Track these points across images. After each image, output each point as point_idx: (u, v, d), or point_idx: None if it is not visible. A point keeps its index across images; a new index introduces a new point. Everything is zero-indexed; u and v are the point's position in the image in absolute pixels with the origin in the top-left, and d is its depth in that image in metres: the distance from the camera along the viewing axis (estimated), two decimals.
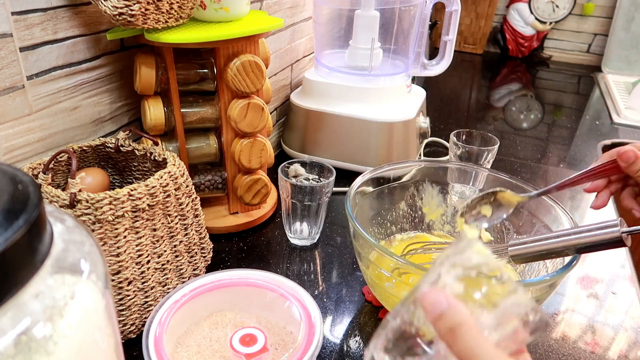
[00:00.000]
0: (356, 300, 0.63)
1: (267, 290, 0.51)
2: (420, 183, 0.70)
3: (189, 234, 0.59)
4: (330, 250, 0.73)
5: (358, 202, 0.63)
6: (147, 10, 0.52)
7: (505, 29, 1.86)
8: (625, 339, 0.60)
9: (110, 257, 0.50)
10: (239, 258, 0.70)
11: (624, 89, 1.54)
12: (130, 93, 0.66)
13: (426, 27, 0.97)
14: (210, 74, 0.68)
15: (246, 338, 0.46)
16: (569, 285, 0.68)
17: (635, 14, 1.68)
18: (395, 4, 0.94)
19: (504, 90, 1.58)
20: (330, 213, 0.81)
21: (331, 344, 0.57)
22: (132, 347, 0.53)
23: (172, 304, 0.48)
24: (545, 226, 0.61)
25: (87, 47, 0.58)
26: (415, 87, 1.03)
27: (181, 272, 0.58)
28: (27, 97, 0.52)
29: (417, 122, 0.94)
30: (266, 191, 0.74)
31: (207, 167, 0.75)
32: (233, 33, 0.60)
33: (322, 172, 0.73)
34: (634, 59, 1.71)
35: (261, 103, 0.67)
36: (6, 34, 0.48)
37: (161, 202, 0.53)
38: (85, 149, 0.59)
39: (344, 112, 0.90)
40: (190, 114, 0.68)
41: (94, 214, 0.47)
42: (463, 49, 1.94)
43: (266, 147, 0.71)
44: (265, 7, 0.87)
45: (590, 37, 1.83)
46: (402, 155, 0.90)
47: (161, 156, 0.59)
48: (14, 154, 0.52)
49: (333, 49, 1.02)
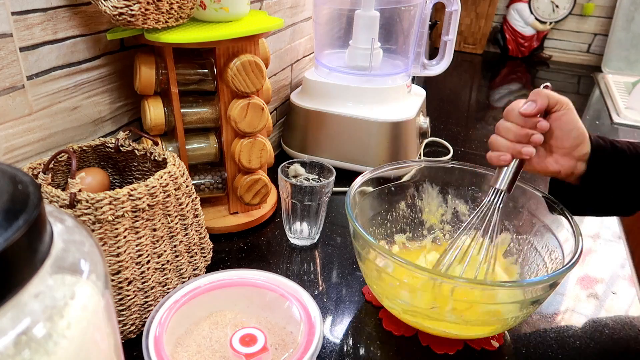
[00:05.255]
0: (356, 300, 0.63)
1: (267, 290, 0.51)
2: (420, 183, 0.70)
3: (189, 234, 0.59)
4: (330, 250, 0.73)
5: (358, 202, 0.63)
6: (147, 10, 0.52)
7: (505, 29, 1.86)
8: (625, 339, 0.60)
9: (110, 257, 0.50)
10: (239, 258, 0.70)
11: (624, 89, 1.54)
12: (130, 93, 0.66)
13: (426, 27, 0.97)
14: (210, 74, 0.68)
15: (246, 338, 0.46)
16: (569, 285, 0.68)
17: (635, 14, 1.68)
18: (395, 4, 0.94)
19: (504, 90, 1.58)
20: (330, 213, 0.81)
21: (331, 344, 0.57)
22: (132, 347, 0.53)
23: (172, 304, 0.48)
24: (546, 226, 0.61)
25: (87, 47, 0.58)
26: (415, 87, 1.03)
27: (181, 272, 0.58)
28: (27, 97, 0.52)
29: (417, 122, 0.94)
30: (266, 191, 0.74)
31: (207, 167, 0.75)
32: (233, 33, 0.60)
33: (322, 172, 0.73)
34: (634, 59, 1.71)
35: (261, 103, 0.67)
36: (6, 34, 0.48)
37: (161, 202, 0.53)
38: (85, 149, 0.59)
39: (344, 112, 0.90)
40: (190, 114, 0.68)
41: (94, 214, 0.47)
42: (463, 49, 1.94)
43: (266, 147, 0.71)
44: (265, 7, 0.87)
45: (590, 37, 1.83)
46: (402, 155, 0.90)
47: (161, 156, 0.59)
48: (14, 154, 0.52)
49: (333, 49, 1.02)
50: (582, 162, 0.57)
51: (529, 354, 0.57)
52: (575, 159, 0.57)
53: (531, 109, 0.55)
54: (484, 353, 0.56)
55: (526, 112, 0.55)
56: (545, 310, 0.63)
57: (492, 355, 0.56)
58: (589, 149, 0.57)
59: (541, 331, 0.60)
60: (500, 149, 0.57)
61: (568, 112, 0.56)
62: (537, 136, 0.56)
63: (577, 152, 0.57)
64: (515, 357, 0.56)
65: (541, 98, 0.55)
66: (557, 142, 0.57)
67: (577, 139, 0.56)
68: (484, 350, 0.57)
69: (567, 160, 0.57)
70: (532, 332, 0.60)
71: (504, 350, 0.57)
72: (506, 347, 0.58)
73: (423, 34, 0.97)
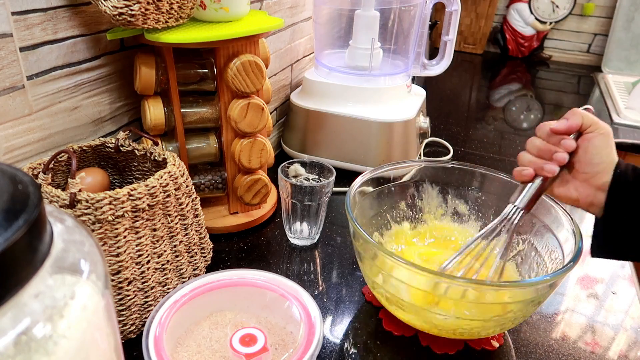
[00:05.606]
0: (356, 300, 0.63)
1: (267, 290, 0.51)
2: (420, 183, 0.70)
3: (189, 234, 0.59)
4: (330, 250, 0.73)
5: (358, 202, 0.63)
6: (147, 10, 0.52)
7: (505, 29, 1.86)
8: (625, 339, 0.60)
9: (110, 257, 0.50)
10: (239, 258, 0.70)
11: (624, 89, 1.54)
12: (130, 93, 0.66)
13: (426, 27, 0.97)
14: (210, 74, 0.68)
15: (246, 338, 0.46)
16: (569, 285, 0.68)
17: (635, 14, 1.68)
18: (395, 4, 0.94)
19: (504, 90, 1.58)
20: (330, 213, 0.81)
21: (331, 344, 0.57)
22: (132, 347, 0.53)
23: (172, 304, 0.48)
24: (546, 226, 0.61)
25: (87, 47, 0.58)
26: (415, 87, 1.03)
27: (181, 272, 0.58)
28: (27, 97, 0.52)
29: (417, 122, 0.94)
30: (266, 191, 0.74)
31: (207, 167, 0.75)
32: (233, 33, 0.60)
33: (322, 172, 0.73)
34: (634, 59, 1.71)
35: (261, 103, 0.67)
36: (6, 34, 0.48)
37: (161, 202, 0.53)
38: (85, 149, 0.59)
39: (344, 112, 0.90)
40: (190, 114, 0.68)
41: (94, 214, 0.47)
42: (463, 49, 1.94)
43: (266, 147, 0.71)
44: (265, 7, 0.87)
45: (590, 37, 1.83)
46: (402, 155, 0.90)
47: (161, 156, 0.59)
48: (14, 154, 0.52)
49: (333, 49, 1.02)
50: (603, 192, 0.52)
51: (529, 354, 0.57)
52: (594, 187, 0.53)
53: (561, 126, 0.53)
54: (484, 353, 0.56)
55: (556, 128, 0.53)
56: (545, 310, 0.63)
57: (492, 355, 0.56)
58: (609, 179, 0.52)
59: (541, 331, 0.60)
60: (524, 164, 0.56)
61: (599, 137, 0.52)
62: (561, 154, 0.53)
63: (595, 179, 0.52)
64: (515, 357, 0.56)
65: (575, 117, 0.53)
66: (579, 167, 0.53)
67: (599, 166, 0.52)
68: (484, 350, 0.57)
69: (585, 188, 0.53)
70: (532, 332, 0.60)
71: (504, 350, 0.57)
72: (506, 347, 0.58)
73: (423, 34, 0.97)
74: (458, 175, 0.69)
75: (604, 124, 0.53)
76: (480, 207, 0.69)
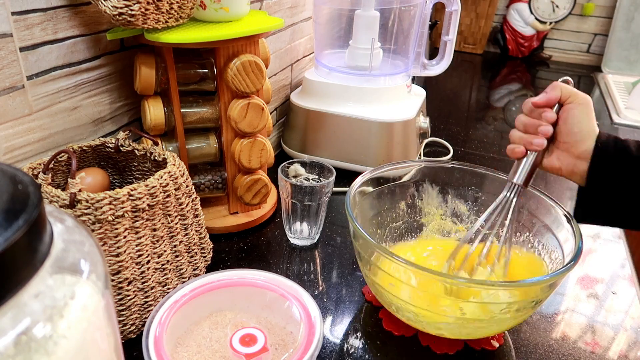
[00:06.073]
0: (356, 300, 0.63)
1: (267, 290, 0.51)
2: (420, 183, 0.70)
3: (189, 234, 0.59)
4: (330, 250, 0.73)
5: (358, 202, 0.63)
6: (147, 10, 0.52)
7: (505, 29, 1.86)
8: (625, 339, 0.60)
9: (110, 257, 0.50)
10: (239, 258, 0.70)
11: (624, 89, 1.54)
12: (130, 93, 0.66)
13: (426, 27, 0.96)
14: (210, 74, 0.68)
15: (246, 338, 0.46)
16: (569, 285, 0.68)
17: (635, 14, 1.68)
18: (395, 4, 0.94)
19: (504, 90, 1.58)
20: (330, 213, 0.81)
21: (331, 344, 0.57)
22: (132, 347, 0.53)
23: (172, 304, 0.48)
24: (546, 226, 0.61)
25: (87, 47, 0.58)
26: (415, 87, 1.03)
27: (181, 272, 0.58)
28: (27, 97, 0.52)
29: (417, 122, 0.94)
30: (266, 191, 0.74)
31: (207, 167, 0.75)
32: (233, 33, 0.60)
33: (322, 172, 0.73)
34: (634, 59, 1.71)
35: (261, 103, 0.67)
36: (6, 34, 0.48)
37: (161, 202, 0.53)
38: (85, 149, 0.59)
39: (344, 112, 0.90)
40: (190, 114, 0.68)
41: (94, 214, 0.47)
42: (463, 49, 1.94)
43: (266, 147, 0.71)
44: (265, 7, 0.87)
45: (590, 37, 1.83)
46: (402, 155, 0.90)
47: (161, 156, 0.59)
48: (14, 154, 0.52)
49: (333, 49, 1.02)
50: (583, 160, 0.54)
51: (529, 354, 0.57)
52: (574, 156, 0.55)
53: (541, 99, 0.55)
54: (484, 353, 0.56)
55: (537, 102, 0.56)
56: (545, 310, 0.63)
57: (492, 355, 0.56)
58: (590, 147, 0.53)
59: (541, 331, 0.60)
60: (515, 141, 0.58)
61: (578, 107, 0.54)
62: (545, 127, 0.55)
63: (575, 148, 0.54)
64: (515, 357, 0.56)
65: (553, 90, 0.55)
66: (560, 137, 0.55)
67: (578, 135, 0.54)
68: (484, 350, 0.57)
69: (566, 157, 0.55)
70: (532, 332, 0.60)
71: (504, 350, 0.57)
72: (506, 347, 0.58)
73: (423, 34, 0.97)
74: (458, 175, 0.69)
75: (583, 95, 0.55)
76: (480, 207, 0.69)
